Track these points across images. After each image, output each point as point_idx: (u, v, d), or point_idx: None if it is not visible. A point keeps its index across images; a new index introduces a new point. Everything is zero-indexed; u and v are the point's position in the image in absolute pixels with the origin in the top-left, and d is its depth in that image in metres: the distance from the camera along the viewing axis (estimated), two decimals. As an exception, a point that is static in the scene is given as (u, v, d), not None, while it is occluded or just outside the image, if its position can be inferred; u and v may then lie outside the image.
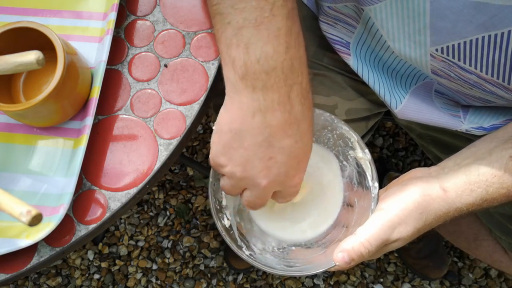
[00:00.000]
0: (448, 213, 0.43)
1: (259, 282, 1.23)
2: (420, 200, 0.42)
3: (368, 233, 0.41)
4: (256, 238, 0.49)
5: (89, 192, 0.50)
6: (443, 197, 0.42)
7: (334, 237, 0.48)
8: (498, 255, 0.77)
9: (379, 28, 0.52)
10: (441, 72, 0.51)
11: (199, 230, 1.27)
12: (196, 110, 0.52)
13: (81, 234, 0.49)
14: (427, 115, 0.59)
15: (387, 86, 0.59)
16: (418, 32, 0.48)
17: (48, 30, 0.46)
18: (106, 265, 1.25)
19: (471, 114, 0.57)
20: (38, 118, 0.49)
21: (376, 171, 0.46)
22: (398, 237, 0.42)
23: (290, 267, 0.45)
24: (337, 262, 0.41)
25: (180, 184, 1.29)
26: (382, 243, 0.41)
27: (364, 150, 0.47)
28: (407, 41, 0.50)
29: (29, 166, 0.51)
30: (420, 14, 0.46)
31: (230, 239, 0.45)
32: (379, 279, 1.23)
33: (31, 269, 0.49)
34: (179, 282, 1.24)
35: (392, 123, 1.30)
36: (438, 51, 0.48)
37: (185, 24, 0.55)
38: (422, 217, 0.42)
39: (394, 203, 0.43)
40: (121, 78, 0.54)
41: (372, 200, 0.44)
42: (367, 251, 0.41)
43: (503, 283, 1.21)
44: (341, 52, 0.60)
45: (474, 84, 0.49)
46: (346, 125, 0.47)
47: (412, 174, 0.46)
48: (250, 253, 0.46)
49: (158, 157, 0.51)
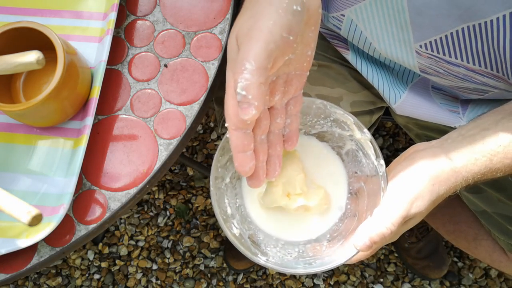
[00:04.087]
0: (456, 183, 0.42)
1: (259, 282, 1.23)
2: (430, 171, 0.41)
3: (387, 213, 0.41)
4: (267, 242, 0.48)
5: (89, 192, 0.50)
6: (451, 167, 0.42)
7: (348, 227, 0.46)
8: (497, 255, 0.77)
9: (362, 30, 0.53)
10: (430, 70, 0.51)
11: (199, 230, 1.27)
12: (196, 110, 0.52)
13: (81, 234, 0.49)
14: (425, 110, 0.59)
15: (386, 81, 0.59)
16: (401, 30, 0.48)
17: (48, 30, 0.46)
18: (106, 265, 1.25)
19: (470, 110, 0.57)
20: (38, 118, 0.49)
21: (379, 149, 0.44)
22: (416, 211, 0.41)
23: (310, 265, 0.44)
24: (358, 247, 0.41)
25: (180, 184, 1.29)
26: (402, 221, 0.41)
27: (363, 130, 0.45)
28: (391, 40, 0.50)
29: (29, 166, 0.51)
30: (399, 11, 0.46)
31: (243, 247, 0.43)
32: (379, 279, 1.23)
33: (31, 269, 0.49)
34: (179, 282, 1.24)
35: (392, 123, 1.30)
36: (422, 47, 0.48)
37: (185, 24, 0.55)
38: (435, 189, 0.41)
39: (406, 178, 0.42)
40: (121, 78, 0.54)
41: (381, 179, 0.43)
42: (389, 232, 0.40)
43: (503, 283, 1.21)
44: (339, 46, 0.60)
45: (464, 77, 0.49)
46: (340, 109, 0.46)
47: (414, 149, 0.45)
48: (266, 258, 0.44)
49: (158, 157, 0.51)
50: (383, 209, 0.41)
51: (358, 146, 0.47)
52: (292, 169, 0.47)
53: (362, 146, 0.46)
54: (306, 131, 0.50)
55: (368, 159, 0.46)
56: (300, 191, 0.47)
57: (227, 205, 0.46)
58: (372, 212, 0.42)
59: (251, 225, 0.49)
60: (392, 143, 1.29)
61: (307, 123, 0.49)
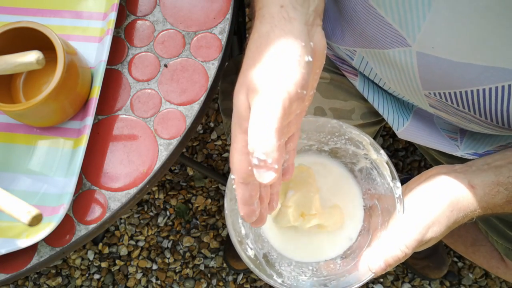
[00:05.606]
0: (474, 211, 0.42)
1: (259, 282, 1.23)
2: (451, 196, 0.41)
3: (404, 237, 0.40)
4: (281, 261, 0.48)
5: (89, 192, 0.50)
6: (472, 195, 0.41)
7: (362, 244, 0.46)
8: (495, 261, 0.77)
9: (373, 67, 0.53)
10: (438, 107, 0.51)
11: (199, 230, 1.26)
12: (196, 110, 0.52)
13: (81, 234, 0.49)
14: (426, 138, 0.59)
15: (392, 108, 0.59)
16: (410, 80, 0.48)
17: (48, 30, 0.46)
18: (106, 265, 1.25)
19: (467, 138, 0.57)
20: (38, 118, 0.49)
21: (395, 171, 0.44)
22: (431, 236, 0.41)
23: (325, 286, 0.44)
24: (373, 270, 0.41)
25: (180, 184, 1.29)
26: (417, 245, 0.41)
27: (380, 151, 0.45)
28: (401, 82, 0.50)
29: (29, 166, 0.51)
30: (408, 67, 0.46)
31: (258, 270, 0.43)
32: (379, 279, 1.23)
33: (31, 269, 0.49)
34: (179, 282, 1.24)
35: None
36: (431, 94, 0.48)
37: (185, 24, 0.55)
38: (453, 215, 0.41)
39: (425, 200, 0.42)
40: (121, 78, 0.54)
41: (397, 201, 0.43)
42: (403, 255, 0.40)
43: (503, 283, 1.21)
44: (347, 72, 0.60)
45: (471, 120, 0.49)
46: (355, 129, 0.45)
47: (436, 171, 0.45)
48: (282, 280, 0.44)
49: (158, 157, 0.51)
50: (398, 231, 0.41)
51: (372, 164, 0.47)
52: (307, 189, 0.47)
53: (377, 166, 0.46)
54: (318, 147, 0.50)
55: (383, 179, 0.46)
56: (315, 211, 0.46)
57: (241, 225, 0.46)
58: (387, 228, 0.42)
59: (264, 244, 0.48)
60: (392, 143, 1.29)
61: (320, 139, 0.48)
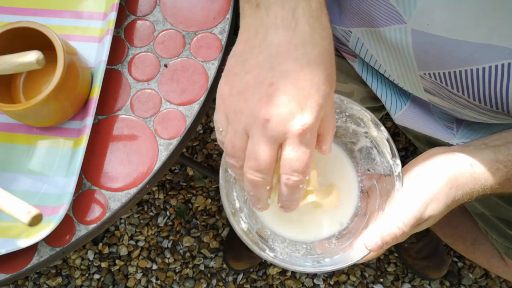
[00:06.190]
0: (474, 189, 0.41)
1: (259, 283, 1.23)
2: (449, 173, 0.40)
3: (401, 213, 0.39)
4: (274, 237, 0.46)
5: (89, 192, 0.50)
6: (471, 172, 0.41)
7: (358, 225, 0.45)
8: (495, 260, 0.77)
9: (368, 49, 0.53)
10: (433, 91, 0.51)
11: (199, 230, 1.26)
12: (196, 110, 0.52)
13: (81, 234, 0.49)
14: (423, 124, 0.59)
15: (390, 92, 0.59)
16: (405, 59, 0.48)
17: (48, 30, 0.46)
18: (106, 265, 1.25)
19: (463, 128, 0.57)
20: (38, 118, 0.49)
21: (396, 148, 0.42)
22: (430, 214, 0.40)
23: (319, 263, 0.42)
24: (369, 247, 0.39)
25: (180, 184, 1.29)
26: (415, 222, 0.39)
27: (380, 128, 0.43)
28: (396, 63, 0.50)
29: (29, 166, 0.51)
30: (403, 46, 0.46)
31: (251, 242, 0.42)
32: (379, 279, 1.23)
33: (31, 269, 0.49)
34: (179, 282, 1.24)
35: (392, 123, 1.30)
36: (426, 75, 0.48)
37: (185, 24, 0.55)
38: (452, 192, 0.40)
39: (423, 177, 0.41)
40: (121, 78, 0.54)
41: (396, 179, 0.42)
42: (401, 232, 0.39)
43: (503, 283, 1.21)
44: (346, 53, 0.60)
45: (465, 105, 0.49)
46: (357, 105, 0.43)
47: (434, 151, 0.44)
48: (274, 254, 0.43)
49: (158, 157, 0.51)
50: (396, 208, 0.40)
51: (373, 143, 0.45)
52: None
53: (377, 144, 0.45)
54: None
55: (383, 158, 0.44)
56: (311, 188, 0.44)
57: (235, 198, 0.45)
58: (384, 209, 0.41)
59: (258, 220, 0.47)
60: (392, 143, 1.29)
61: None
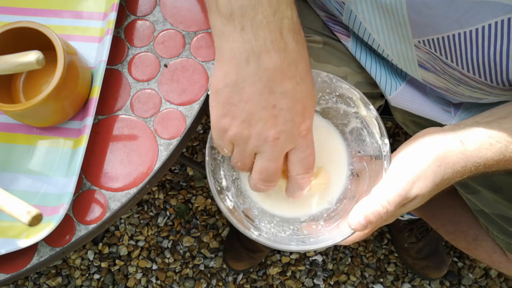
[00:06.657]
0: (465, 167, 0.40)
1: (259, 283, 1.23)
2: (437, 150, 0.39)
3: (385, 191, 0.38)
4: (261, 218, 0.46)
5: (89, 192, 0.50)
6: (461, 150, 0.40)
7: (347, 208, 0.44)
8: (497, 256, 0.77)
9: (362, 21, 0.52)
10: (428, 64, 0.50)
11: (199, 230, 1.27)
12: (196, 110, 0.52)
13: (81, 234, 0.49)
14: (419, 105, 0.58)
15: (384, 72, 0.58)
16: (399, 25, 0.47)
17: (48, 30, 0.46)
18: (106, 265, 1.25)
19: (461, 111, 0.57)
20: (38, 118, 0.50)
21: (384, 127, 0.42)
22: (417, 193, 0.38)
23: (303, 243, 0.42)
24: (352, 226, 0.38)
25: (180, 184, 1.29)
26: (401, 201, 0.38)
27: (369, 106, 0.43)
28: (390, 33, 0.49)
29: (29, 166, 0.51)
30: (397, 8, 0.45)
31: (236, 220, 0.42)
32: (379, 279, 1.23)
33: (31, 269, 0.49)
34: (179, 282, 1.24)
35: (392, 123, 1.30)
36: (421, 42, 0.47)
37: (185, 24, 0.55)
38: (440, 170, 0.39)
39: (409, 156, 0.40)
40: (121, 78, 0.54)
41: (384, 158, 0.41)
42: (385, 211, 0.38)
43: (503, 283, 1.21)
44: (339, 33, 0.59)
45: (459, 79, 0.48)
46: (346, 83, 0.43)
47: (425, 132, 0.43)
48: (258, 233, 0.42)
49: (158, 157, 0.51)
50: (382, 186, 0.39)
51: (363, 124, 0.45)
52: None
53: (367, 124, 0.44)
54: None
55: (373, 138, 0.44)
56: None
57: (222, 177, 0.45)
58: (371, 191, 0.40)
59: (246, 199, 0.47)
60: (392, 143, 1.29)
61: None
